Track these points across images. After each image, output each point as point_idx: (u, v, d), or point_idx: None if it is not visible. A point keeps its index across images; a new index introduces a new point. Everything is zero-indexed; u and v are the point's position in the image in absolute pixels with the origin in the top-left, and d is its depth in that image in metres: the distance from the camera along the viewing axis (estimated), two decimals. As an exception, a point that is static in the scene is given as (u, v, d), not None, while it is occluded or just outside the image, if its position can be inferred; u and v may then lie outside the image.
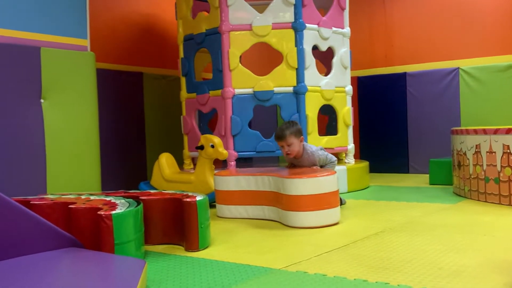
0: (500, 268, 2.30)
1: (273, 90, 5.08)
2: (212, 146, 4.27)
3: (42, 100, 4.07)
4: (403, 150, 6.81)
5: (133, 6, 6.25)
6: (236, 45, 5.14)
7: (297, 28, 5.09)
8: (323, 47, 5.35)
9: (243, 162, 6.34)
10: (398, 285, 2.11)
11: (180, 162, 5.74)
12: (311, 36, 5.18)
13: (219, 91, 5.17)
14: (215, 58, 5.25)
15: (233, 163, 5.11)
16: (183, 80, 5.69)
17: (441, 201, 4.36)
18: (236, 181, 3.81)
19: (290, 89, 5.08)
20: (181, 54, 5.73)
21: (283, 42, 5.12)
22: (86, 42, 4.41)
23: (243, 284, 2.21)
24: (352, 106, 5.76)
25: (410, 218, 3.62)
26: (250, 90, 5.11)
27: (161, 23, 6.55)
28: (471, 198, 4.36)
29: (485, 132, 4.16)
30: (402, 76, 6.80)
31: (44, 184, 4.02)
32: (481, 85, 6.26)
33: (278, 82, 5.10)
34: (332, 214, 3.47)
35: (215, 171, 4.27)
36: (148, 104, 6.26)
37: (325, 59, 5.86)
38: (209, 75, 5.72)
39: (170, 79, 6.45)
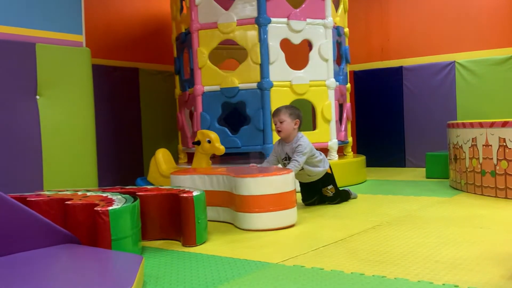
0: (497, 260, 2.31)
1: (238, 87, 5.12)
2: (209, 142, 4.26)
3: (37, 97, 4.05)
4: (399, 144, 6.82)
5: (128, 1, 6.23)
6: (204, 44, 5.26)
7: (260, 23, 5.03)
8: (296, 40, 5.21)
9: (240, 156, 6.34)
10: (395, 278, 2.11)
11: (177, 158, 5.75)
12: (279, 30, 5.10)
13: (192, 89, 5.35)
14: (190, 57, 5.43)
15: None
16: (177, 78, 5.88)
17: (437, 195, 4.37)
18: (192, 181, 3.59)
19: (255, 85, 5.07)
20: (175, 54, 5.90)
21: (247, 38, 5.11)
22: (82, 38, 4.39)
23: (241, 278, 2.21)
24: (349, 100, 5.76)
25: (406, 212, 3.62)
26: (217, 87, 5.20)
27: (157, 18, 6.53)
28: (467, 191, 4.37)
29: (481, 125, 4.17)
30: (399, 70, 6.80)
31: (40, 180, 4.01)
32: (477, 78, 6.27)
33: (243, 78, 5.12)
34: (287, 216, 3.25)
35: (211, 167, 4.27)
36: (144, 99, 6.25)
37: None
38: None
39: (166, 75, 6.44)
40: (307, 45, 5.56)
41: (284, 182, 3.26)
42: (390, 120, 6.88)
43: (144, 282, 2.19)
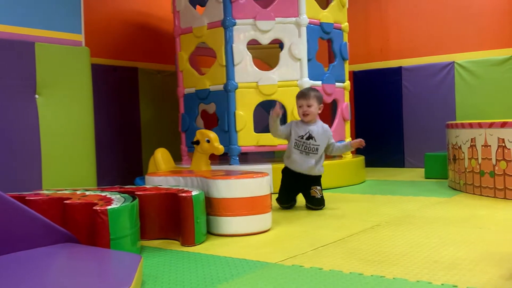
0: (496, 260, 2.31)
1: (209, 89, 5.24)
2: (208, 141, 4.25)
3: (36, 96, 4.05)
4: (398, 144, 6.83)
5: (128, 0, 6.23)
6: (184, 48, 5.53)
7: (226, 25, 5.07)
8: (264, 41, 5.17)
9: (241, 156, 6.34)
10: (393, 278, 2.11)
11: (176, 158, 5.75)
12: (246, 31, 5.10)
13: None
14: (176, 60, 5.70)
15: (185, 157, 5.52)
16: None
17: (436, 195, 4.37)
18: (166, 182, 3.50)
19: (222, 86, 5.14)
20: None
21: (216, 40, 5.17)
22: (81, 37, 4.39)
23: (240, 278, 2.21)
24: (348, 100, 5.75)
25: (405, 212, 3.63)
26: (194, 89, 5.41)
27: (156, 17, 6.53)
28: (466, 192, 4.37)
29: (480, 125, 4.17)
30: (398, 70, 6.80)
31: (39, 179, 4.00)
32: (476, 79, 6.27)
33: (214, 80, 5.22)
34: (260, 221, 3.13)
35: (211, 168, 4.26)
36: (144, 99, 6.25)
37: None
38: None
39: (166, 74, 6.43)
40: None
41: (259, 185, 3.13)
42: (389, 120, 6.88)
43: (142, 281, 2.19)
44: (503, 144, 3.97)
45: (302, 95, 3.89)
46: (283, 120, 6.46)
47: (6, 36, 3.90)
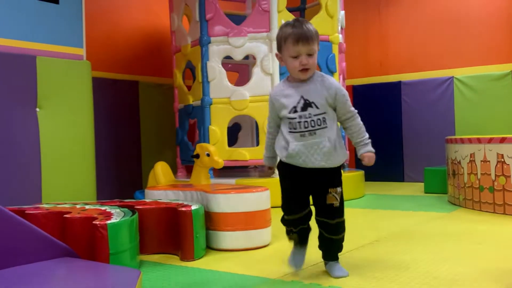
0: (495, 276, 2.30)
1: (192, 104, 5.44)
2: (208, 155, 4.26)
3: (37, 109, 4.06)
4: (398, 159, 6.83)
5: (129, 14, 6.27)
6: (178, 65, 5.80)
7: (202, 43, 5.24)
8: (238, 56, 5.25)
9: (236, 169, 6.34)
10: (393, 294, 2.11)
11: (175, 171, 5.75)
12: (221, 47, 5.22)
13: None
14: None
15: (179, 169, 5.76)
16: None
17: (436, 210, 4.37)
18: (165, 196, 3.50)
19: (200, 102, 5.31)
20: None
21: (196, 58, 5.35)
22: (82, 51, 4.42)
23: (239, 293, 2.20)
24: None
25: (405, 227, 3.62)
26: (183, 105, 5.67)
27: (157, 32, 6.57)
28: (465, 207, 4.37)
29: (479, 141, 4.18)
30: (397, 84, 6.83)
31: (39, 193, 4.00)
32: (476, 94, 6.30)
33: (195, 96, 5.42)
34: (259, 236, 3.10)
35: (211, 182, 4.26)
36: (144, 112, 6.26)
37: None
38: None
39: (166, 88, 6.45)
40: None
41: (258, 200, 3.12)
42: (388, 134, 6.89)
43: (141, 296, 2.18)
44: (502, 160, 3.97)
45: (302, 37, 2.26)
46: (255, 136, 6.56)
47: (7, 50, 3.92)
